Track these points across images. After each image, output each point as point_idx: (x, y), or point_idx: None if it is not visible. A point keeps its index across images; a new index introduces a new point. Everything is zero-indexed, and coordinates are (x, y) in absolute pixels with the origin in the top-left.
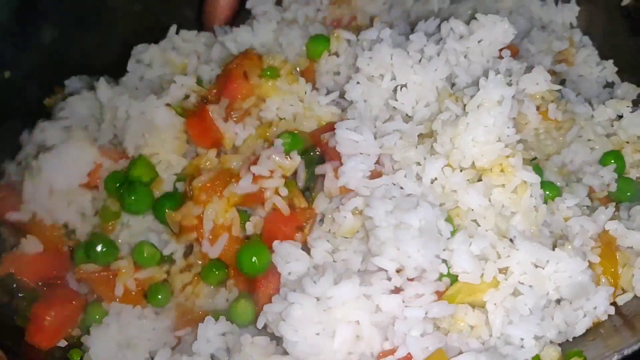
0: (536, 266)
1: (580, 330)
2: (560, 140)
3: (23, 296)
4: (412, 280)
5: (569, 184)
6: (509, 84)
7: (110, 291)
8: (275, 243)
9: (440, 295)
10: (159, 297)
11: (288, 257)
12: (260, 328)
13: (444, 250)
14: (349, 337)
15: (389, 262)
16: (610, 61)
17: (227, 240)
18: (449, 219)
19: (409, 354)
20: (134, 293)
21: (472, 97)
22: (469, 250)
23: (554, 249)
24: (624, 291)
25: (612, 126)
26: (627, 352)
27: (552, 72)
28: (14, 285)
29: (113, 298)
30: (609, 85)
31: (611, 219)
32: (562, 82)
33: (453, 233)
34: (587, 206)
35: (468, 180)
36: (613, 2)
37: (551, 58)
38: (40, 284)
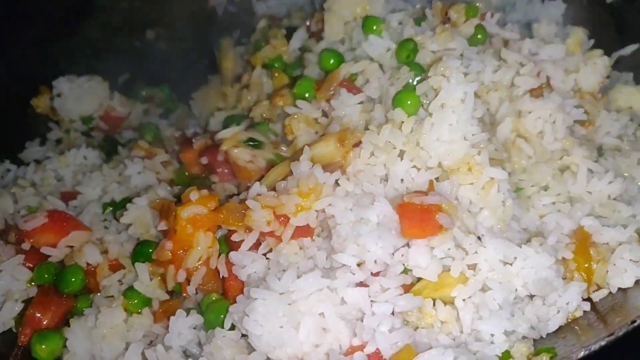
0: (504, 263)
1: (553, 326)
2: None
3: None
4: (376, 274)
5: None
6: (472, 81)
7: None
8: (231, 253)
9: (406, 289)
10: (135, 301)
11: (243, 262)
12: (227, 329)
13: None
14: (313, 328)
15: (350, 257)
16: None
17: (204, 274)
18: None
19: (377, 349)
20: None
21: (435, 97)
22: (425, 246)
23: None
24: (599, 287)
25: None
26: (594, 347)
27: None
28: None
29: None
30: None
31: (587, 215)
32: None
33: None
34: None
35: (436, 179)
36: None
37: None
38: None
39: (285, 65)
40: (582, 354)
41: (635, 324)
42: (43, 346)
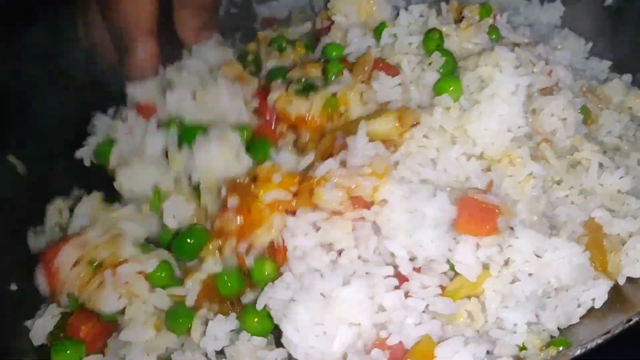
0: (536, 255)
1: (575, 319)
2: None
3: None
4: (418, 269)
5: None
6: (524, 74)
7: None
8: (290, 219)
9: (443, 288)
10: (180, 320)
11: (296, 231)
12: (259, 309)
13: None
14: (349, 339)
15: (401, 248)
16: None
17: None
18: None
19: (400, 341)
20: None
21: (480, 86)
22: (475, 244)
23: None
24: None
25: None
26: (590, 345)
27: None
28: None
29: None
30: None
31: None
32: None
33: None
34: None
35: (482, 170)
36: (598, 1)
37: None
38: None
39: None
40: (578, 352)
41: (632, 323)
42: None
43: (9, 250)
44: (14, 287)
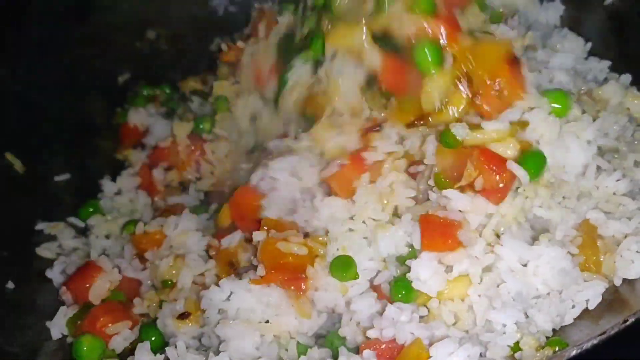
0: (520, 264)
1: (568, 320)
2: None
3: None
4: None
5: None
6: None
7: None
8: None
9: None
10: None
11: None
12: None
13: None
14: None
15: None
16: None
17: None
18: None
19: (391, 341)
20: None
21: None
22: (432, 260)
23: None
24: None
25: None
26: (586, 346)
27: None
28: None
29: None
30: None
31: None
32: None
33: None
34: None
35: None
36: (597, 1)
37: None
38: None
39: None
40: (574, 352)
41: (628, 323)
42: (84, 347)
43: (7, 248)
44: (10, 285)
